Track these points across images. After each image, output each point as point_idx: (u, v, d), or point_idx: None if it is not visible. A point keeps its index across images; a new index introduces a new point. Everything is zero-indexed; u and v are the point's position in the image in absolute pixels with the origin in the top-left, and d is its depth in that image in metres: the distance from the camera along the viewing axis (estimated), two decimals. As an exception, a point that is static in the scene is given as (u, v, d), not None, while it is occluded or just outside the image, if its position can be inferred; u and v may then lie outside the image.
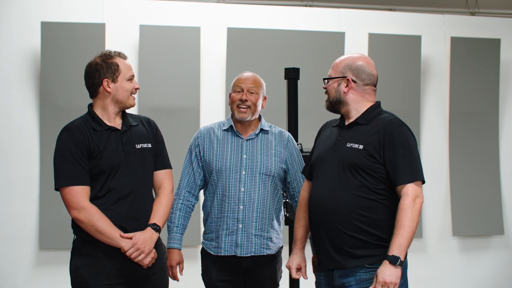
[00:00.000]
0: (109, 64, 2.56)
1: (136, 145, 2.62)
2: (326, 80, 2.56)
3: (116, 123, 2.61)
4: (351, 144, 2.43)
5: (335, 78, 2.51)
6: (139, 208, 2.58)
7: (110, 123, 2.59)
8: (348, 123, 2.51)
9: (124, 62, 2.61)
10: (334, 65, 2.54)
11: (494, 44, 5.32)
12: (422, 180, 2.36)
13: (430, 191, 5.08)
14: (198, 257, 2.96)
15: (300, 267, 2.63)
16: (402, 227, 2.28)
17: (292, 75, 3.57)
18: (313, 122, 3.98)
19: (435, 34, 5.30)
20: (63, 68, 4.54)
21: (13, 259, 4.54)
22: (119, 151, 2.56)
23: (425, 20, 5.32)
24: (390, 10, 5.50)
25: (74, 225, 2.55)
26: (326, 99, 2.57)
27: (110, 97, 2.57)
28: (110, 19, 4.69)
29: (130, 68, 2.63)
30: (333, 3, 5.35)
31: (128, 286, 2.57)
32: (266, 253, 2.83)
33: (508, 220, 5.40)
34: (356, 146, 2.41)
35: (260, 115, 2.95)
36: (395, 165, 2.35)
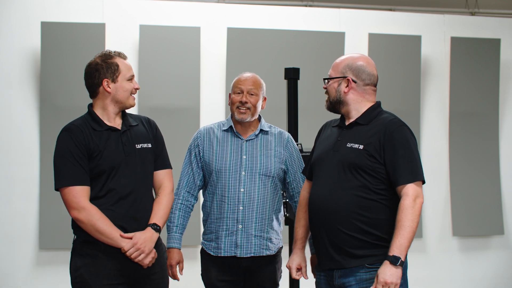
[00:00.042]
0: (109, 64, 2.56)
1: (136, 145, 2.61)
2: (327, 80, 2.56)
3: (116, 123, 2.61)
4: (351, 144, 2.43)
5: (336, 78, 2.51)
6: (139, 208, 2.58)
7: (110, 123, 2.59)
8: (348, 123, 2.51)
9: (124, 62, 2.60)
10: (334, 65, 2.54)
11: (494, 44, 5.32)
12: (423, 180, 2.37)
13: (430, 191, 5.08)
14: (198, 257, 2.96)
15: (301, 267, 2.63)
16: (402, 227, 2.28)
17: (292, 75, 3.57)
18: (313, 122, 3.98)
19: (435, 34, 5.30)
20: (63, 68, 4.54)
21: (13, 259, 4.54)
22: (119, 151, 2.56)
23: (425, 20, 5.31)
24: (390, 10, 5.50)
25: (74, 225, 2.55)
26: (326, 99, 2.57)
27: (110, 97, 2.57)
28: (110, 19, 4.69)
29: (130, 68, 2.63)
30: (333, 3, 5.35)
31: (128, 286, 2.57)
32: (265, 253, 2.83)
33: (508, 220, 5.40)
34: (356, 146, 2.41)
35: (259, 115, 2.94)
36: (395, 165, 2.35)
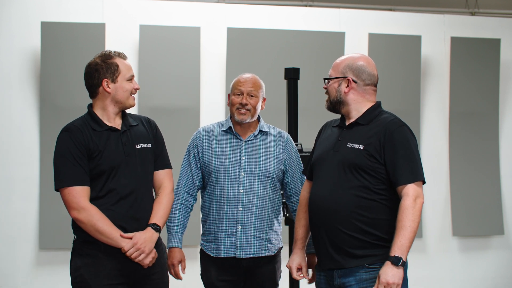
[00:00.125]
0: (108, 64, 2.56)
1: (136, 145, 2.61)
2: (327, 80, 2.56)
3: (116, 123, 2.61)
4: (352, 144, 2.42)
5: (336, 78, 2.51)
6: (139, 208, 2.58)
7: (110, 123, 2.58)
8: (348, 123, 2.51)
9: (124, 62, 2.60)
10: (335, 65, 2.54)
11: (494, 44, 5.32)
12: (423, 181, 2.37)
13: (430, 191, 5.08)
14: (198, 257, 2.96)
15: (301, 267, 2.63)
16: (403, 228, 2.28)
17: (292, 75, 3.57)
18: (313, 122, 3.98)
19: (435, 34, 5.30)
20: (63, 68, 4.54)
21: (13, 259, 4.54)
22: (119, 151, 2.56)
23: (425, 20, 5.31)
24: (390, 10, 5.50)
25: (74, 225, 2.55)
26: (326, 99, 2.57)
27: (109, 97, 2.57)
28: (110, 19, 4.69)
29: (130, 68, 2.62)
30: (333, 3, 5.35)
31: (128, 286, 2.57)
32: (265, 254, 2.83)
33: (508, 220, 5.40)
34: (357, 146, 2.41)
35: (259, 116, 2.93)
36: (395, 165, 2.35)
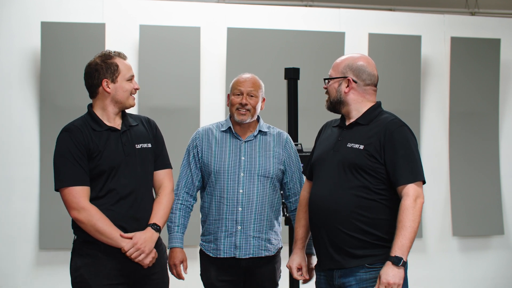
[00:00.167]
0: (108, 65, 2.56)
1: (136, 145, 2.61)
2: (327, 80, 2.56)
3: (116, 123, 2.60)
4: (352, 144, 2.42)
5: (336, 78, 2.51)
6: (139, 208, 2.58)
7: (110, 123, 2.58)
8: (348, 123, 2.51)
9: (123, 62, 2.60)
10: (335, 65, 2.54)
11: (494, 44, 5.32)
12: (423, 181, 2.36)
13: (430, 191, 5.08)
14: (198, 257, 2.96)
15: (301, 267, 2.63)
16: (403, 228, 2.28)
17: (292, 75, 3.57)
18: (313, 122, 3.98)
19: (435, 34, 5.30)
20: (63, 68, 4.54)
21: (13, 259, 4.54)
22: (119, 151, 2.56)
23: (425, 20, 5.31)
24: (390, 10, 5.50)
25: (74, 225, 2.55)
26: (326, 99, 2.57)
27: (109, 97, 2.57)
28: (110, 19, 4.69)
29: (130, 68, 2.62)
30: (333, 3, 5.35)
31: (128, 286, 2.57)
32: (264, 254, 2.83)
33: (508, 220, 5.40)
34: (357, 146, 2.41)
35: (258, 116, 2.93)
36: (395, 165, 2.35)
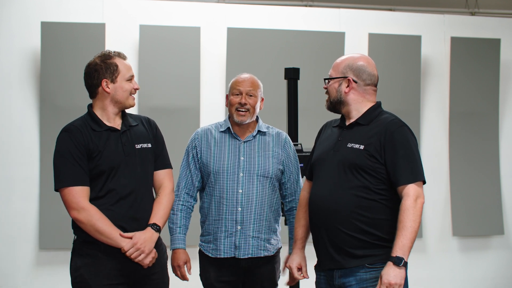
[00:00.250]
0: (108, 65, 2.56)
1: (135, 145, 2.61)
2: (327, 80, 2.56)
3: (116, 123, 2.60)
4: (352, 145, 2.42)
5: (336, 78, 2.51)
6: (139, 208, 2.58)
7: (110, 124, 2.58)
8: (348, 123, 2.51)
9: (123, 62, 2.60)
10: (335, 65, 2.54)
11: (494, 44, 5.32)
12: (423, 181, 2.37)
13: (430, 191, 5.07)
14: (197, 257, 2.96)
15: (301, 267, 2.63)
16: (404, 228, 2.28)
17: (292, 75, 3.57)
18: (313, 122, 3.98)
19: (435, 34, 5.30)
20: (63, 68, 4.54)
21: (13, 259, 4.54)
22: (119, 151, 2.56)
23: (425, 20, 5.31)
24: (390, 10, 5.50)
25: (74, 225, 2.55)
26: (326, 99, 2.57)
27: (109, 97, 2.57)
28: (110, 19, 4.69)
29: (130, 68, 2.62)
30: (333, 3, 5.35)
31: (128, 286, 2.57)
32: (263, 254, 2.83)
33: (508, 220, 5.40)
34: (357, 146, 2.41)
35: (257, 116, 2.93)
36: (395, 165, 2.35)
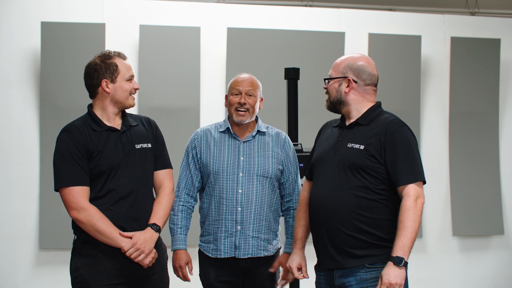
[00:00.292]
0: (108, 65, 2.56)
1: (135, 145, 2.61)
2: (327, 80, 2.56)
3: (116, 123, 2.60)
4: (352, 145, 2.42)
5: (336, 78, 2.51)
6: (139, 208, 2.58)
7: (110, 124, 2.58)
8: (348, 123, 2.51)
9: (123, 62, 2.60)
10: (335, 65, 2.54)
11: (494, 44, 5.32)
12: (423, 181, 2.37)
13: (430, 191, 5.07)
14: (196, 257, 2.96)
15: (301, 267, 2.63)
16: (404, 228, 2.28)
17: (292, 75, 3.58)
18: (313, 122, 3.98)
19: (435, 34, 5.30)
20: (63, 68, 4.54)
21: (13, 259, 4.54)
22: (119, 151, 2.56)
23: (425, 20, 5.31)
24: (390, 10, 5.50)
25: (74, 225, 2.55)
26: (326, 99, 2.57)
27: (109, 97, 2.57)
28: (110, 19, 4.69)
29: (130, 68, 2.62)
30: (333, 3, 5.35)
31: (128, 286, 2.57)
32: (263, 254, 2.83)
33: (508, 220, 5.40)
34: (357, 146, 2.41)
35: (257, 116, 2.93)
36: (396, 165, 2.35)
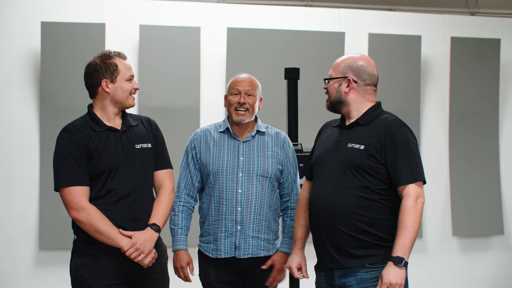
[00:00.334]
0: (107, 65, 2.56)
1: (135, 145, 2.61)
2: (327, 80, 2.56)
3: (116, 123, 2.61)
4: (352, 145, 2.43)
5: (336, 78, 2.51)
6: (139, 208, 2.58)
7: (110, 124, 2.58)
8: (349, 123, 2.51)
9: (123, 62, 2.60)
10: (335, 65, 2.54)
11: (494, 44, 5.32)
12: (423, 181, 2.37)
13: (430, 191, 5.07)
14: (196, 257, 2.96)
15: (301, 267, 2.63)
16: (405, 228, 2.28)
17: (292, 75, 3.57)
18: (313, 122, 3.98)
19: (435, 34, 5.30)
20: (63, 68, 4.54)
21: (13, 259, 4.54)
22: (119, 151, 2.56)
23: (425, 20, 5.31)
24: (390, 10, 5.50)
25: (74, 225, 2.55)
26: (326, 99, 2.57)
27: (109, 97, 2.57)
28: (110, 19, 4.69)
29: (130, 68, 2.62)
30: (333, 3, 5.35)
31: (128, 286, 2.57)
32: (263, 254, 2.83)
33: (508, 220, 5.40)
34: (357, 146, 2.41)
35: (256, 116, 2.93)
36: (396, 165, 2.35)
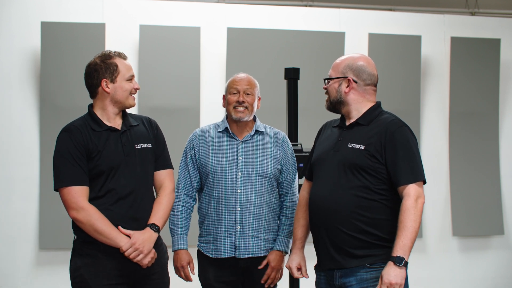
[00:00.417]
0: (108, 65, 2.56)
1: (136, 145, 2.61)
2: (327, 80, 2.56)
3: (116, 123, 2.61)
4: (352, 145, 2.43)
5: (336, 78, 2.51)
6: (139, 208, 2.58)
7: (110, 123, 2.58)
8: (348, 123, 2.51)
9: (123, 62, 2.60)
10: (335, 65, 2.54)
11: (494, 44, 5.32)
12: (424, 181, 2.37)
13: (430, 191, 5.07)
14: (195, 257, 2.96)
15: (300, 267, 2.63)
16: (405, 228, 2.28)
17: (292, 75, 3.57)
18: (313, 122, 3.98)
19: (435, 34, 5.30)
20: (63, 68, 4.54)
21: (13, 259, 4.54)
22: (119, 151, 2.56)
23: (425, 20, 5.31)
24: (390, 10, 5.50)
25: (74, 225, 2.55)
26: (326, 99, 2.57)
27: (109, 97, 2.57)
28: (110, 19, 4.69)
29: (130, 68, 2.62)
30: (333, 3, 5.35)
31: (128, 286, 2.57)
32: (263, 254, 2.83)
33: (508, 220, 5.40)
34: (357, 146, 2.41)
35: (255, 116, 2.93)
36: (396, 165, 2.35)
